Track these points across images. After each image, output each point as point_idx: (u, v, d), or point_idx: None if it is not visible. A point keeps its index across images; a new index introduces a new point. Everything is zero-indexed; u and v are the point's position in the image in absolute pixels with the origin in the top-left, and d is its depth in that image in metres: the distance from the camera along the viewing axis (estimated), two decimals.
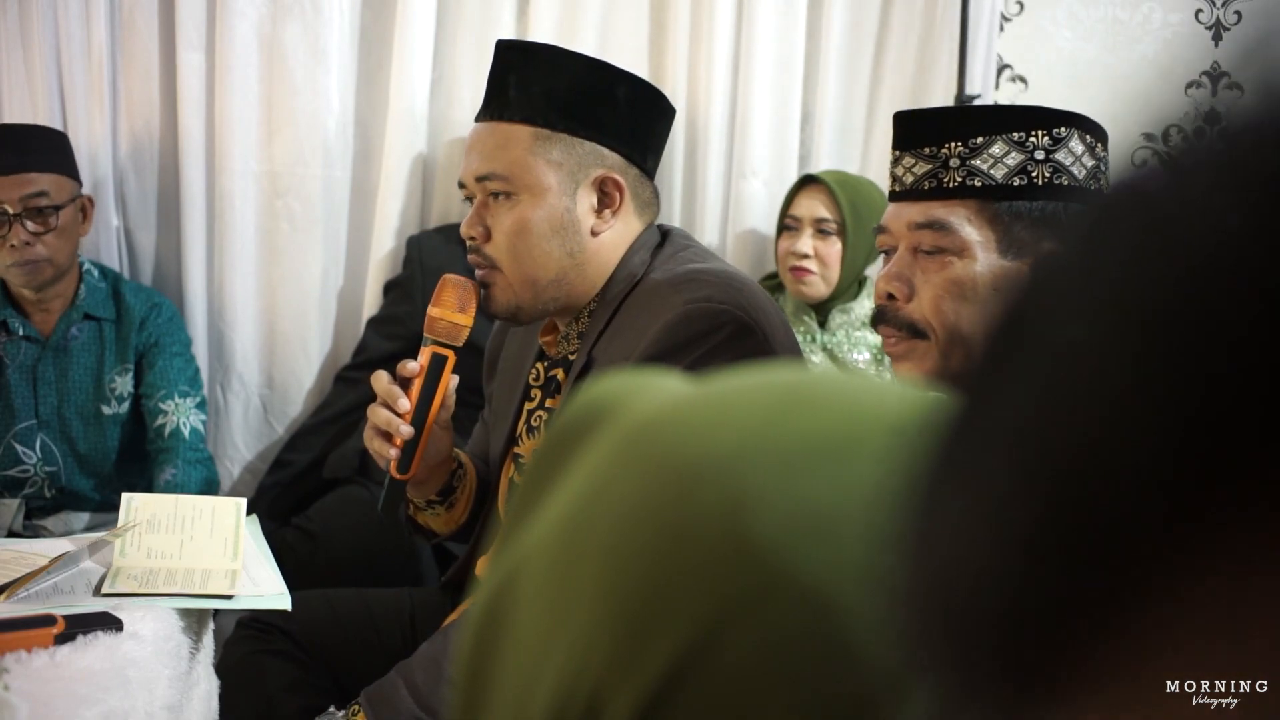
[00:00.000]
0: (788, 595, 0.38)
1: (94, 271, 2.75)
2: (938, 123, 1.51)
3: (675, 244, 1.86)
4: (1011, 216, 1.49)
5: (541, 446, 0.53)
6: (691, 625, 0.39)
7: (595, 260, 1.81)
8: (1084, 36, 3.45)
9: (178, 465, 2.65)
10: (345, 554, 2.65)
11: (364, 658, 1.97)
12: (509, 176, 1.76)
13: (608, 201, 1.80)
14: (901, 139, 1.55)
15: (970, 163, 1.48)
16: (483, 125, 1.81)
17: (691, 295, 1.69)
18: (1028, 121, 1.50)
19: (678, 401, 0.47)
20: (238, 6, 2.93)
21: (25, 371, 2.68)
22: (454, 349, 1.76)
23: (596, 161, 1.79)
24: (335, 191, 3.07)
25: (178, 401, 2.70)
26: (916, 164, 1.52)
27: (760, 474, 0.41)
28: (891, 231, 1.55)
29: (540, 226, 1.77)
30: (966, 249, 1.49)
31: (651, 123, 1.85)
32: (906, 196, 1.53)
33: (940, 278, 1.50)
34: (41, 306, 2.69)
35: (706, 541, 0.40)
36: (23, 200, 2.55)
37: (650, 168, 1.86)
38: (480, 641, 0.48)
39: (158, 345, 2.73)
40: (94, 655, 1.38)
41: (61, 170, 2.64)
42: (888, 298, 1.53)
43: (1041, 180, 1.49)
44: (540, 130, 1.76)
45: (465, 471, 1.95)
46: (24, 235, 2.55)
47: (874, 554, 0.38)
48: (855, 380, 0.48)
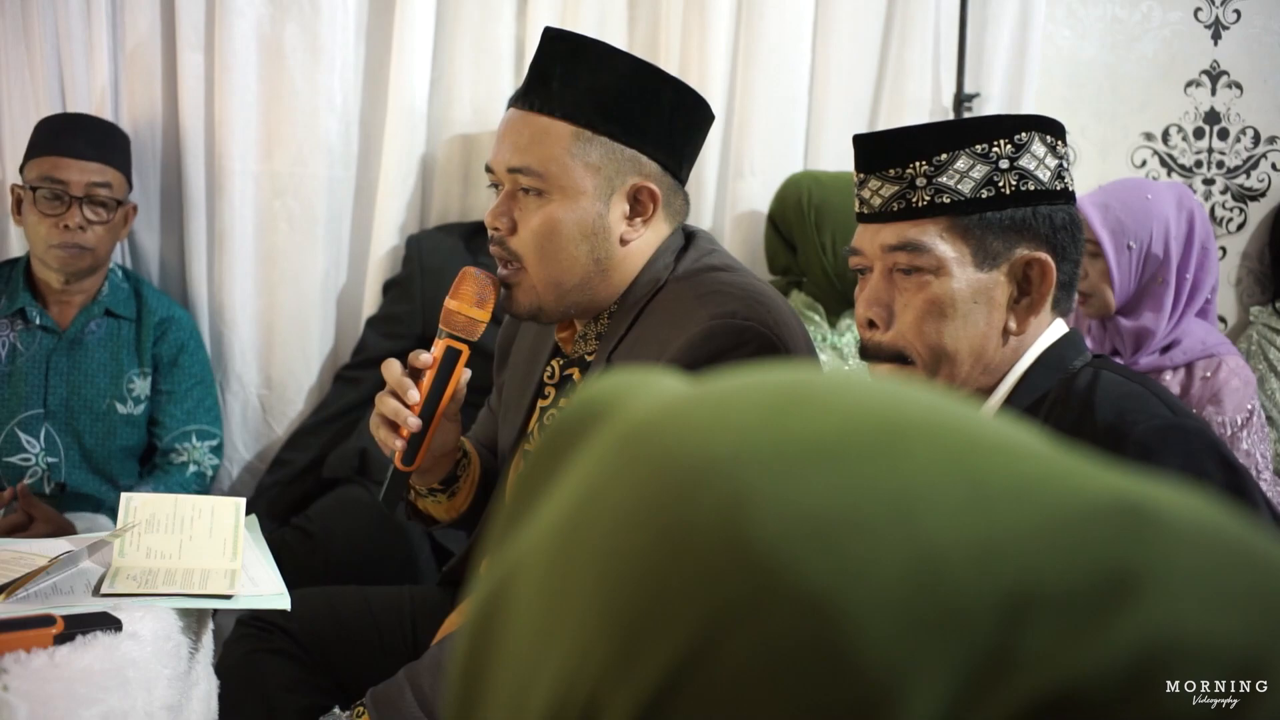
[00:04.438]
0: (786, 599, 0.37)
1: (118, 271, 2.81)
2: (900, 143, 1.50)
3: (700, 248, 1.84)
4: (983, 228, 1.49)
5: (540, 445, 0.53)
6: (689, 629, 0.38)
7: (621, 267, 1.78)
8: (1083, 35, 3.44)
9: (174, 488, 2.69)
10: (344, 553, 2.65)
11: (364, 656, 1.97)
12: (544, 174, 1.72)
13: (640, 210, 1.77)
14: (864, 162, 1.54)
15: (937, 180, 1.48)
16: (520, 114, 1.76)
17: (717, 310, 1.67)
18: (988, 132, 1.50)
19: (675, 402, 0.47)
20: (237, 6, 2.94)
21: (38, 361, 2.70)
22: (469, 343, 1.73)
23: (635, 169, 1.75)
24: (335, 191, 3.07)
25: (195, 445, 2.77)
26: (883, 186, 1.51)
27: (759, 476, 0.41)
28: (865, 253, 1.55)
29: (570, 230, 1.73)
30: (942, 266, 1.49)
31: (692, 131, 1.82)
32: (876, 219, 1.53)
33: (919, 299, 1.50)
34: (63, 298, 2.73)
35: (704, 544, 0.39)
36: (87, 186, 2.64)
37: (684, 176, 1.83)
38: (476, 643, 0.48)
39: (178, 366, 2.78)
40: (93, 655, 1.38)
41: (124, 170, 2.74)
42: (869, 325, 1.54)
43: (1009, 189, 1.50)
44: (581, 130, 1.72)
45: (470, 460, 1.93)
46: (79, 219, 2.63)
47: (874, 557, 0.38)
48: (853, 380, 0.48)
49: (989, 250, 1.49)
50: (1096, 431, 1.43)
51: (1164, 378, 2.67)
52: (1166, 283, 2.64)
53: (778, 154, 3.18)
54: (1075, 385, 1.51)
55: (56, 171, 2.63)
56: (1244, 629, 0.34)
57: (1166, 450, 1.40)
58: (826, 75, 3.20)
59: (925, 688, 0.35)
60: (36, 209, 2.63)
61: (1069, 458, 0.42)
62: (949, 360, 1.51)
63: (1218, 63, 3.48)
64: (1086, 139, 3.47)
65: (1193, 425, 1.46)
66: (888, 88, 3.25)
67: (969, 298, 1.50)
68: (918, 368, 1.52)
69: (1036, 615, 0.36)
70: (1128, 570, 0.36)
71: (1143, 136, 3.49)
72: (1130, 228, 2.61)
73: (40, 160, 2.65)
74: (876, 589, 0.37)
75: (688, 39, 3.12)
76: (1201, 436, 1.45)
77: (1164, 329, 2.66)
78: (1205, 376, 2.64)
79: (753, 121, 3.16)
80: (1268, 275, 3.53)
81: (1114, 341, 2.73)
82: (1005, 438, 0.43)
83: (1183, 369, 2.68)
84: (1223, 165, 3.52)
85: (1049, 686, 0.35)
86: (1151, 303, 2.66)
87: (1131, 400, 1.46)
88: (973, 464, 0.41)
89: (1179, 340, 2.68)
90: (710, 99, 3.13)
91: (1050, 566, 0.37)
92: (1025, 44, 3.24)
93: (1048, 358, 1.54)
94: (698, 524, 0.40)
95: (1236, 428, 2.59)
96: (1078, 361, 1.55)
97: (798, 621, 0.37)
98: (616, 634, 0.40)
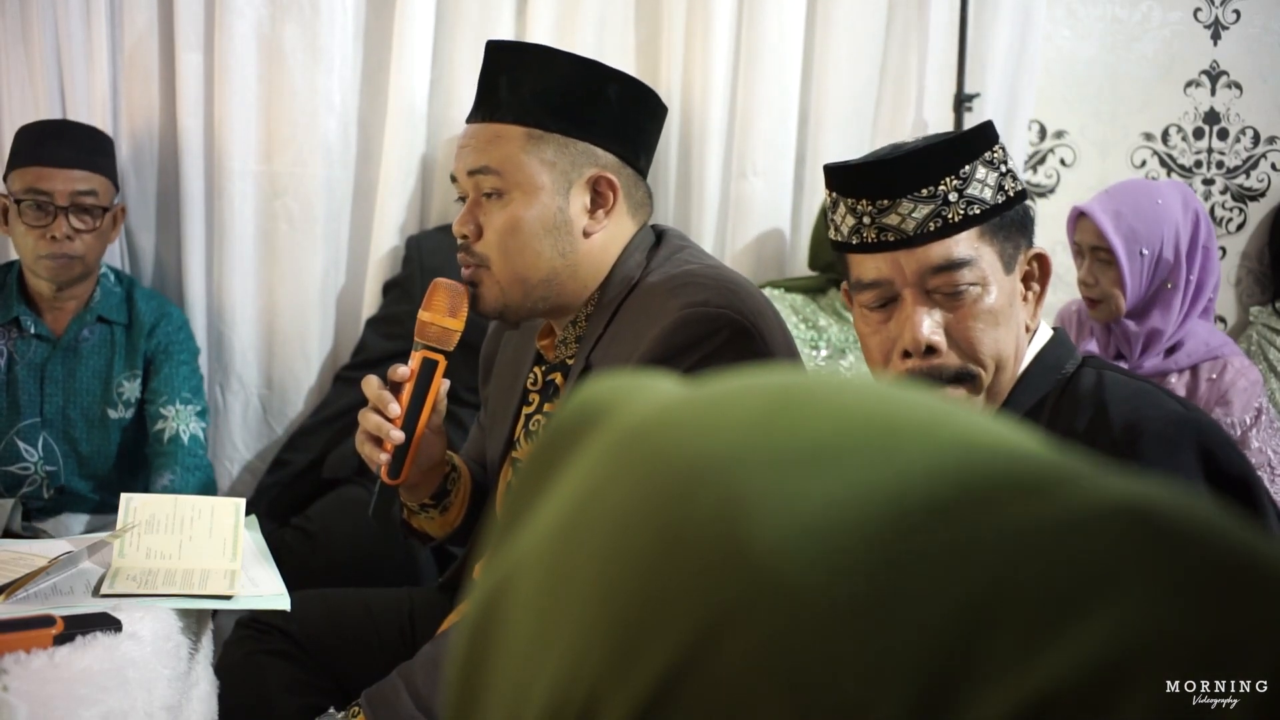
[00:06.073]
0: (783, 600, 0.37)
1: (110, 275, 2.78)
2: (927, 162, 1.48)
3: (671, 245, 1.86)
4: (1001, 233, 1.51)
5: (535, 448, 0.53)
6: (686, 630, 0.39)
7: (587, 261, 1.80)
8: (1083, 35, 3.45)
9: (176, 471, 2.65)
10: (344, 554, 2.65)
11: (363, 658, 1.97)
12: (502, 172, 1.76)
13: (601, 201, 1.80)
14: (886, 187, 1.48)
15: (966, 192, 1.47)
16: (474, 125, 1.81)
17: (688, 300, 1.68)
18: (990, 137, 1.52)
19: (671, 404, 0.47)
20: (237, 6, 2.94)
21: (34, 369, 2.69)
22: (445, 354, 1.75)
23: (590, 161, 1.78)
24: (335, 191, 3.08)
25: (178, 408, 2.71)
26: (916, 208, 1.47)
27: (756, 477, 0.41)
28: (893, 281, 1.50)
29: (532, 225, 1.76)
30: (987, 276, 1.49)
31: (643, 121, 1.85)
32: (909, 243, 1.48)
33: (977, 312, 1.49)
34: (56, 305, 2.71)
35: (702, 546, 0.40)
36: (72, 195, 2.61)
37: (643, 167, 1.86)
38: (474, 645, 0.48)
39: (166, 352, 2.75)
40: (93, 656, 1.38)
41: (109, 174, 2.70)
42: (927, 352, 1.49)
43: (1013, 191, 1.52)
44: (533, 130, 1.76)
45: (459, 475, 1.95)
46: (66, 229, 2.59)
47: (870, 557, 0.38)
48: (849, 381, 0.48)
49: (1007, 254, 1.51)
50: (1113, 430, 1.45)
51: (1169, 380, 2.67)
52: (1176, 286, 2.65)
53: (779, 156, 3.18)
54: (1079, 386, 1.52)
55: (40, 182, 2.59)
56: (1220, 627, 0.34)
57: (1185, 441, 1.42)
58: (826, 76, 3.20)
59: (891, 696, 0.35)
60: (22, 220, 2.60)
61: (1065, 459, 0.43)
62: (1003, 367, 1.51)
63: (1217, 63, 3.48)
64: (1086, 139, 3.47)
65: (1205, 419, 1.49)
66: (889, 88, 3.25)
67: (1008, 302, 1.51)
68: (981, 383, 1.51)
69: (1000, 621, 0.36)
70: (1108, 572, 0.36)
71: (1142, 137, 3.49)
72: (1143, 234, 2.62)
73: (23, 171, 2.61)
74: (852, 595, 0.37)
75: (690, 40, 3.13)
76: (1216, 428, 1.47)
77: (1171, 330, 2.66)
78: (1211, 378, 2.65)
79: (753, 124, 3.16)
80: (1267, 275, 3.53)
81: (1119, 344, 2.73)
82: (1000, 439, 0.43)
83: (1188, 372, 2.68)
84: (1222, 165, 3.52)
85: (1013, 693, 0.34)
86: (1161, 305, 2.67)
87: (1144, 396, 1.49)
88: (968, 466, 0.41)
89: (1182, 342, 2.68)
90: (712, 100, 3.16)
91: (1021, 570, 0.37)
92: (1025, 44, 3.24)
93: (1043, 358, 1.56)
94: (695, 525, 0.40)
95: (1246, 427, 2.59)
96: (1071, 363, 1.56)
97: (794, 622, 0.37)
98: (614, 635, 0.40)
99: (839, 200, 1.54)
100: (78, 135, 2.71)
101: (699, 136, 3.16)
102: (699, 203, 3.17)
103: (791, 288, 3.08)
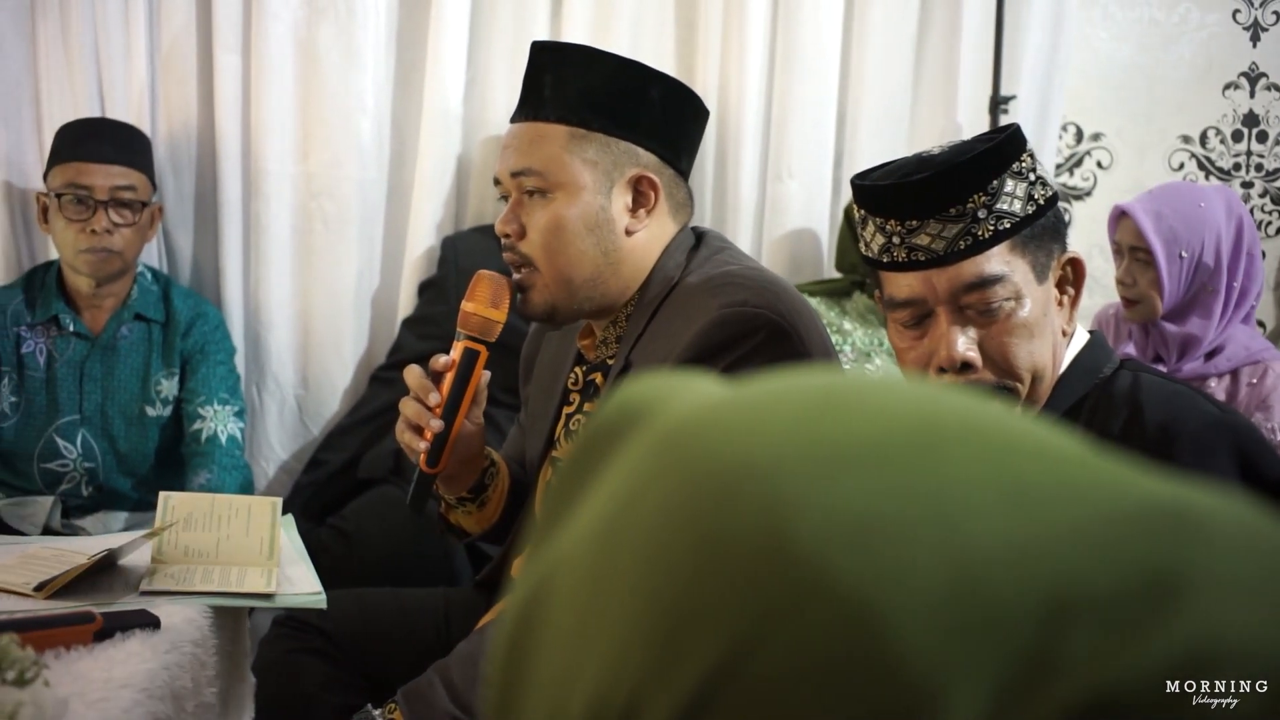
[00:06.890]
0: (827, 604, 0.37)
1: (147, 274, 2.82)
2: (954, 180, 1.46)
3: (711, 246, 1.86)
4: (1033, 243, 1.49)
5: (576, 448, 0.53)
6: (728, 633, 0.38)
7: (630, 260, 1.81)
8: (1120, 37, 3.42)
9: (213, 470, 2.68)
10: (380, 554, 2.66)
11: (399, 657, 1.97)
12: (544, 172, 1.77)
13: (642, 201, 1.80)
14: (914, 208, 1.47)
15: (995, 208, 1.46)
16: (518, 125, 1.82)
17: (727, 299, 1.69)
18: (1018, 147, 1.50)
19: (713, 405, 0.47)
20: (273, 9, 2.96)
21: (73, 367, 2.72)
22: (487, 344, 1.77)
23: (632, 160, 1.79)
24: (370, 192, 3.09)
25: (216, 409, 2.74)
26: (944, 228, 1.46)
27: (799, 480, 0.40)
28: (926, 300, 1.50)
29: (575, 224, 1.77)
30: (1020, 290, 1.48)
31: (685, 123, 1.86)
32: (940, 262, 1.47)
33: (1012, 327, 1.48)
34: (94, 303, 2.74)
35: (745, 549, 0.39)
36: (111, 190, 2.65)
37: (685, 168, 1.87)
38: (515, 643, 0.48)
39: (203, 352, 2.77)
40: (131, 652, 1.40)
41: (147, 172, 2.75)
42: (963, 369, 1.48)
43: (1044, 199, 1.50)
44: (576, 129, 1.77)
45: (498, 470, 1.96)
46: (105, 223, 2.64)
47: (914, 560, 0.38)
48: (891, 383, 0.48)
49: (1039, 264, 1.50)
50: (1147, 431, 1.44)
51: (1209, 385, 2.65)
52: (1216, 291, 2.63)
53: (815, 158, 3.18)
54: (1115, 388, 1.52)
55: (80, 177, 2.64)
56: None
57: (1221, 444, 1.41)
58: (861, 79, 3.20)
59: (965, 692, 0.35)
60: (62, 215, 2.65)
61: (1108, 461, 0.42)
62: (1040, 377, 1.51)
63: (1256, 64, 3.45)
64: (1123, 142, 3.45)
65: (1243, 422, 1.48)
66: (924, 91, 3.24)
67: (1042, 312, 1.50)
68: (1019, 395, 1.50)
69: (1077, 619, 0.36)
70: (1169, 574, 0.36)
71: (1180, 139, 3.46)
72: (1183, 236, 2.60)
73: (64, 167, 2.67)
74: (916, 593, 0.37)
75: (726, 43, 3.13)
76: (1253, 431, 1.46)
77: (1211, 335, 2.64)
78: (1252, 383, 2.63)
79: (790, 126, 3.16)
80: None
81: (1157, 347, 2.72)
82: (1043, 440, 0.43)
83: (1228, 376, 2.66)
84: (1261, 168, 3.49)
85: (1089, 691, 0.34)
86: (1200, 309, 2.65)
87: (1181, 399, 1.47)
88: (1012, 466, 0.41)
89: (1223, 346, 2.66)
90: (747, 104, 3.16)
91: (1090, 570, 0.36)
92: (1061, 46, 3.22)
93: (1081, 361, 1.55)
94: (737, 528, 0.40)
95: None
96: (1108, 366, 1.55)
97: (838, 626, 0.37)
98: (656, 637, 0.40)
99: (868, 218, 1.53)
100: (117, 133, 2.75)
101: (734, 139, 3.16)
102: (734, 205, 3.17)
103: (815, 292, 3.06)
